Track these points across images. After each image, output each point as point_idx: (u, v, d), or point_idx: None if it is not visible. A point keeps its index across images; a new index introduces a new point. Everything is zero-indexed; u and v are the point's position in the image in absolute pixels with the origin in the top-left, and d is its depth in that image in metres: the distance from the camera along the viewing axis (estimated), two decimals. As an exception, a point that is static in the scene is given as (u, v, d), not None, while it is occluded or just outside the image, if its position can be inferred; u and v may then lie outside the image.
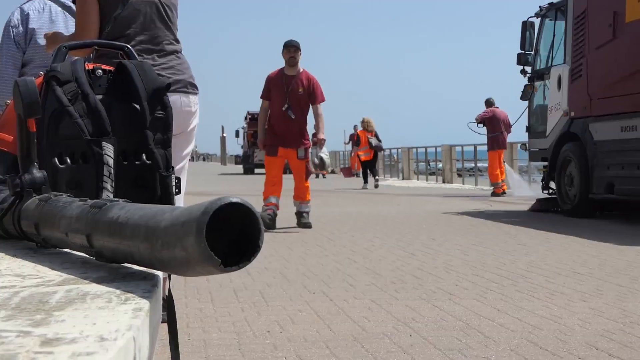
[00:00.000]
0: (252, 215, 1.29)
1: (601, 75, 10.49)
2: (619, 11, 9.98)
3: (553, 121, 11.81)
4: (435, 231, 9.29)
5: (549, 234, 8.82)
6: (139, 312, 1.19)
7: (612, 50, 10.22)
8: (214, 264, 1.22)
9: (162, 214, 1.39)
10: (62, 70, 2.68)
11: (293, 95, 9.78)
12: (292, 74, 9.89)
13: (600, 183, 10.40)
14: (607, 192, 10.24)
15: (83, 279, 1.53)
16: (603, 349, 3.63)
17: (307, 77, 9.93)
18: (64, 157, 2.67)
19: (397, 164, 34.34)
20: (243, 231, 1.33)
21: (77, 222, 1.69)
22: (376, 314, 4.48)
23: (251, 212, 1.28)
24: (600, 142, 10.41)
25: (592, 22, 10.70)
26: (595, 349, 3.64)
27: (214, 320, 4.34)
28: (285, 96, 9.76)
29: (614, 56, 10.19)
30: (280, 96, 9.79)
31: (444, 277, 5.78)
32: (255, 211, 1.31)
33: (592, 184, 10.60)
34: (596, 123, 10.54)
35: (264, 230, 1.34)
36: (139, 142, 2.77)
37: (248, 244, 1.31)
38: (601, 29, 10.41)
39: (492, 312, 4.49)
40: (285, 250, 7.47)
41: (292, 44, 9.87)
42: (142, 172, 2.76)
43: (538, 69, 12.68)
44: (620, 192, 10.03)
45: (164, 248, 1.32)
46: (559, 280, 5.56)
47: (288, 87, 9.79)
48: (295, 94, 9.79)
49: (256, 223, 1.30)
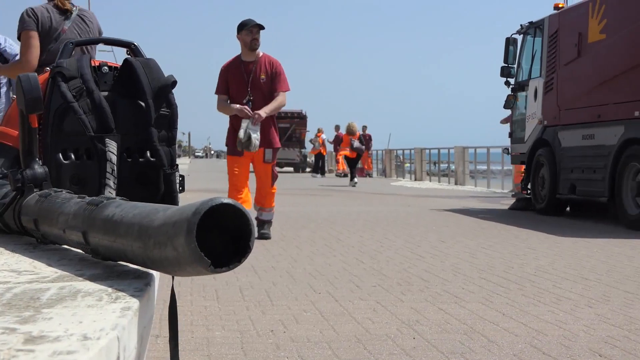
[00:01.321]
0: (243, 216, 1.29)
1: (568, 89, 11.80)
2: (583, 32, 11.30)
3: (530, 128, 13.03)
4: (444, 233, 9.27)
5: (559, 238, 8.79)
6: (127, 312, 1.19)
7: (577, 67, 11.54)
8: (204, 264, 1.22)
9: (156, 213, 1.39)
10: (67, 66, 2.69)
11: (255, 85, 8.21)
12: (251, 60, 8.28)
13: (564, 185, 11.68)
14: (570, 193, 11.54)
15: (77, 277, 1.54)
16: (606, 356, 3.62)
17: (269, 61, 8.32)
18: (68, 153, 2.69)
19: (403, 164, 34.38)
20: (235, 232, 1.33)
21: (74, 219, 1.70)
22: (381, 315, 4.48)
23: (242, 213, 1.27)
24: (566, 148, 11.70)
25: (562, 41, 11.99)
26: (598, 355, 3.62)
27: (218, 319, 4.34)
28: (247, 87, 8.21)
29: (578, 72, 11.51)
30: (240, 88, 8.24)
31: (451, 279, 5.77)
32: (246, 212, 1.30)
33: (559, 185, 11.88)
34: (563, 131, 11.86)
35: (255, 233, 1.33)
36: (143, 140, 2.78)
37: (241, 244, 1.31)
38: (569, 48, 11.73)
39: (497, 316, 4.48)
40: (294, 250, 7.47)
41: (255, 23, 8.23)
42: (146, 169, 2.77)
43: (520, 81, 13.71)
44: (580, 193, 11.32)
45: (155, 247, 1.33)
46: (566, 286, 5.54)
47: (248, 75, 8.22)
48: (257, 83, 8.22)
49: (247, 224, 1.30)
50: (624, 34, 10.40)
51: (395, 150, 35.87)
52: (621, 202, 10.30)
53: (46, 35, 5.11)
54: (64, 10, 5.19)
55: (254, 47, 8.22)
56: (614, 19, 10.67)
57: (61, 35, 5.05)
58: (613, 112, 10.52)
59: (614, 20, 10.66)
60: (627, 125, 10.17)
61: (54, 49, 4.90)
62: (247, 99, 8.18)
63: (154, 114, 2.75)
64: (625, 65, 10.29)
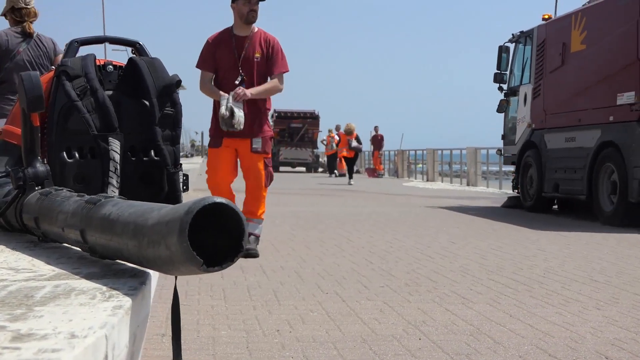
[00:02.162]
0: (236, 216, 1.28)
1: (553, 95, 12.78)
2: (567, 43, 12.28)
3: (520, 131, 14.02)
4: (455, 234, 9.25)
5: (571, 240, 8.77)
6: (118, 310, 1.19)
7: (561, 75, 12.53)
8: (196, 263, 1.22)
9: (151, 212, 1.39)
10: (72, 65, 2.70)
11: (247, 64, 6.86)
12: (244, 34, 6.92)
13: (549, 184, 12.62)
14: (554, 191, 12.50)
15: (74, 275, 1.54)
16: (613, 358, 3.60)
17: (264, 37, 6.96)
18: (72, 152, 2.69)
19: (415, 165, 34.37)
20: (228, 231, 1.33)
21: (73, 218, 1.70)
22: (387, 316, 4.47)
23: (235, 212, 1.27)
24: (551, 149, 12.67)
25: (549, 50, 12.94)
26: (605, 358, 3.60)
27: (225, 318, 4.34)
28: (237, 65, 6.85)
29: (562, 80, 12.50)
30: (230, 66, 6.88)
31: (460, 280, 5.75)
32: (239, 211, 1.30)
33: (544, 184, 12.79)
34: (549, 134, 12.82)
35: (247, 232, 1.33)
36: (147, 139, 2.78)
37: (234, 244, 1.31)
38: (554, 57, 12.69)
39: (504, 318, 4.46)
40: (303, 250, 7.46)
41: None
42: (150, 168, 2.78)
43: (512, 86, 14.67)
44: (563, 192, 12.30)
45: (149, 246, 1.32)
46: (575, 287, 5.52)
47: (240, 51, 6.86)
48: (250, 61, 6.86)
49: (240, 224, 1.30)
50: (601, 45, 11.37)
51: (407, 151, 35.82)
52: (598, 199, 11.21)
53: (3, 55, 6.24)
54: (28, 33, 6.32)
55: (250, 20, 6.87)
56: (593, 31, 11.62)
57: (16, 55, 6.25)
58: (591, 116, 11.46)
59: (593, 32, 11.61)
60: (603, 129, 11.10)
61: (9, 67, 6.20)
62: (240, 79, 6.84)
63: (158, 113, 2.76)
64: (602, 74, 11.29)
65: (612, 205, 10.89)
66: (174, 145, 2.79)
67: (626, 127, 10.59)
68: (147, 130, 2.76)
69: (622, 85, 10.76)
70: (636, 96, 10.42)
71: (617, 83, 10.91)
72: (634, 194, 10.27)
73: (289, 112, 41.99)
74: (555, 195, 12.58)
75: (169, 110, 2.78)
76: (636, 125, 10.39)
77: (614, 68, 11.00)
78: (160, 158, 2.73)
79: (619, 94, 10.80)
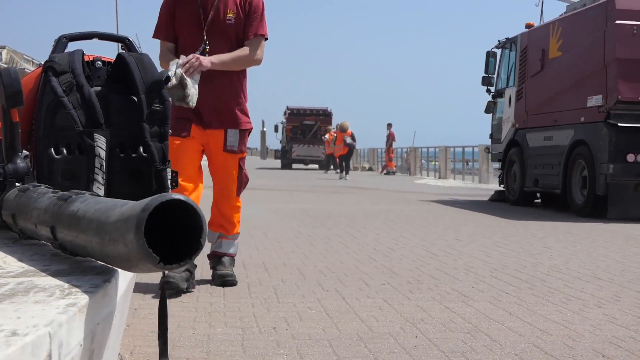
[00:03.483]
0: (194, 212, 1.27)
1: (534, 97, 13.97)
2: (546, 49, 13.43)
3: (505, 130, 15.20)
4: (462, 231, 9.22)
5: (577, 238, 8.72)
6: (71, 308, 1.18)
7: (540, 79, 13.69)
8: (152, 261, 1.20)
9: (114, 208, 1.38)
10: (59, 61, 2.69)
11: (217, 28, 5.14)
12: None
13: (530, 179, 13.78)
14: (534, 186, 13.71)
15: (41, 272, 1.53)
16: (609, 356, 3.57)
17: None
18: (60, 148, 2.68)
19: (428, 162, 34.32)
20: (187, 228, 1.31)
21: (45, 214, 1.69)
22: (386, 313, 4.45)
23: (193, 209, 1.25)
24: (532, 147, 13.83)
25: (530, 56, 14.11)
26: (601, 356, 3.57)
27: (222, 315, 4.33)
28: (202, 29, 5.13)
29: (541, 83, 13.65)
30: (193, 31, 5.15)
31: (462, 278, 5.73)
32: (197, 208, 1.28)
33: (526, 179, 13.94)
34: (530, 133, 13.99)
35: (207, 229, 1.30)
36: (135, 135, 2.77)
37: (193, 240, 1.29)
38: (535, 62, 13.86)
39: (503, 316, 4.43)
40: (307, 247, 7.45)
41: None
42: (138, 165, 2.77)
43: (499, 89, 15.92)
44: (541, 186, 13.49)
45: (110, 243, 1.31)
46: (578, 285, 5.48)
47: (207, 12, 5.14)
48: (220, 25, 5.15)
49: (198, 221, 1.28)
50: (574, 52, 12.56)
51: (420, 148, 35.74)
52: (571, 193, 12.39)
53: None
54: None
55: None
56: (568, 39, 12.79)
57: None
58: (566, 117, 12.62)
59: (568, 40, 12.79)
60: (576, 129, 12.26)
61: None
62: (202, 48, 5.07)
63: (146, 109, 2.75)
64: (575, 78, 12.42)
65: (583, 198, 12.00)
66: (162, 141, 2.77)
67: (595, 127, 11.69)
68: (135, 126, 2.74)
69: (591, 88, 11.85)
70: (603, 99, 11.51)
71: (587, 87, 11.98)
72: (600, 188, 11.45)
73: (301, 109, 41.98)
74: (535, 189, 13.82)
75: (157, 107, 2.76)
76: (603, 126, 11.46)
77: (584, 73, 12.11)
78: (147, 155, 2.72)
79: (589, 96, 11.90)
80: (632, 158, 11.23)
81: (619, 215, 11.29)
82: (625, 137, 11.28)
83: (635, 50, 11.29)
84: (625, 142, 11.28)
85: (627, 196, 11.44)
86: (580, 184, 12.16)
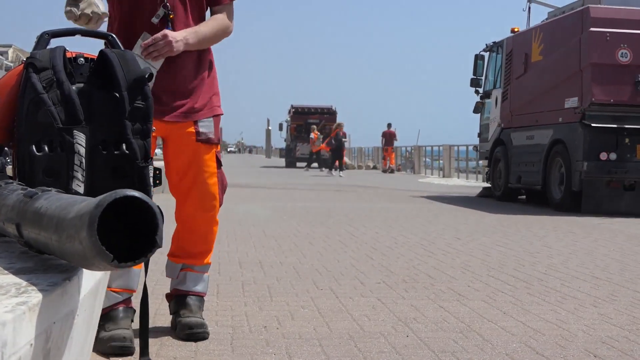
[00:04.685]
0: (149, 209, 1.23)
1: (517, 98, 14.76)
2: (528, 53, 14.25)
3: (492, 130, 16.00)
4: (462, 230, 9.18)
5: (579, 237, 8.68)
6: (20, 306, 1.15)
7: (523, 81, 14.51)
8: (106, 259, 1.17)
9: (73, 205, 1.35)
10: (40, 58, 2.67)
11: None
12: None
13: (514, 176, 14.55)
14: (517, 182, 14.42)
15: (4, 270, 1.50)
16: (601, 356, 3.53)
17: None
18: (42, 145, 2.65)
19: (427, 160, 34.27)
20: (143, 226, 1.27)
21: (12, 211, 1.67)
22: (379, 312, 4.42)
23: (148, 205, 1.22)
24: (516, 146, 14.64)
25: (515, 59, 14.92)
26: (593, 356, 3.54)
27: (214, 314, 4.30)
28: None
29: (524, 85, 14.48)
30: None
31: (458, 277, 5.69)
32: (152, 204, 1.25)
33: (510, 176, 14.72)
34: (514, 132, 14.81)
35: (162, 226, 1.26)
36: (118, 132, 2.74)
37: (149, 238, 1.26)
38: (519, 65, 14.66)
39: (497, 315, 4.40)
40: (305, 246, 7.41)
41: None
42: (121, 162, 2.73)
43: (486, 90, 16.73)
44: (524, 183, 14.22)
45: (67, 241, 1.28)
46: (575, 285, 5.44)
47: None
48: None
49: (154, 218, 1.25)
50: (553, 56, 13.34)
51: (424, 147, 35.66)
52: (550, 189, 13.16)
53: None
54: None
55: None
56: (548, 44, 13.60)
57: None
58: (546, 118, 13.44)
59: (548, 45, 13.59)
60: (554, 129, 13.02)
61: None
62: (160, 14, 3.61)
63: (128, 106, 2.72)
64: (554, 81, 13.18)
65: (560, 194, 12.81)
66: (144, 139, 2.74)
67: (571, 127, 12.47)
68: (118, 123, 2.72)
69: (568, 91, 12.65)
70: (579, 101, 12.26)
71: (564, 89, 12.78)
72: (575, 184, 12.25)
73: (306, 107, 41.90)
74: (518, 186, 14.55)
75: (140, 104, 2.73)
76: (578, 126, 12.22)
77: (562, 76, 12.91)
78: (129, 152, 2.69)
79: (566, 98, 12.68)
80: (605, 156, 11.98)
81: (592, 209, 11.99)
82: (599, 136, 12.01)
83: (608, 56, 12.00)
84: (598, 142, 12.01)
85: (600, 192, 12.17)
86: (558, 180, 12.92)
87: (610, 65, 11.99)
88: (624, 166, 12.00)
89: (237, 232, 8.38)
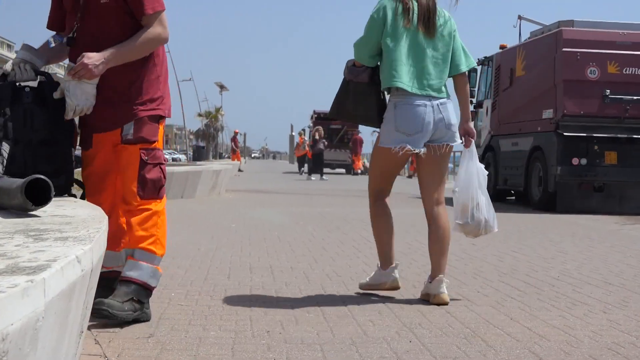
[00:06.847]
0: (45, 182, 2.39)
1: (504, 109, 16.37)
2: (513, 68, 15.90)
3: (483, 136, 17.34)
4: (478, 236, 9.09)
5: (594, 242, 8.60)
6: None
7: (509, 94, 16.16)
8: (29, 205, 2.61)
9: (14, 182, 2.79)
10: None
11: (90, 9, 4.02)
12: None
13: (501, 179, 16.22)
14: (504, 184, 16.17)
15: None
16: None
17: None
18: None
19: None
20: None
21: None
22: (384, 317, 4.39)
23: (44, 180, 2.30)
24: (503, 152, 16.30)
25: (502, 73, 16.58)
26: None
27: (218, 318, 4.28)
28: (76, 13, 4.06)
29: (510, 97, 16.10)
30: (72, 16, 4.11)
31: (469, 282, 5.65)
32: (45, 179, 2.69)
33: (498, 179, 16.26)
34: (502, 140, 16.42)
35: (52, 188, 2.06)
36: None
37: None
38: (505, 79, 16.34)
39: (504, 321, 4.35)
40: (318, 251, 7.39)
41: None
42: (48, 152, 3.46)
43: (479, 100, 18.05)
44: (509, 185, 16.02)
45: (12, 198, 2.75)
46: (586, 290, 5.38)
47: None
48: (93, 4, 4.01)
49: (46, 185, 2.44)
50: (533, 72, 14.93)
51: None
52: (530, 190, 14.78)
53: None
54: None
55: None
56: (529, 61, 15.18)
57: None
58: (527, 127, 15.00)
59: (529, 61, 15.17)
60: (534, 137, 14.61)
61: None
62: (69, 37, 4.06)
63: None
64: (533, 94, 14.76)
65: (539, 194, 14.34)
66: None
67: (547, 135, 14.05)
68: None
69: (545, 103, 14.21)
70: (553, 112, 13.84)
71: (542, 102, 14.34)
72: (551, 186, 13.79)
73: (328, 113, 41.89)
74: (505, 187, 16.28)
75: None
76: (553, 134, 13.79)
77: (540, 90, 14.48)
78: None
79: (543, 110, 14.26)
80: (577, 161, 13.53)
81: (565, 209, 13.46)
82: (571, 144, 13.55)
83: (579, 73, 13.55)
84: (570, 149, 13.55)
85: (572, 193, 13.70)
86: (538, 182, 14.49)
87: (580, 81, 13.54)
88: (594, 170, 13.51)
89: (252, 237, 8.37)
